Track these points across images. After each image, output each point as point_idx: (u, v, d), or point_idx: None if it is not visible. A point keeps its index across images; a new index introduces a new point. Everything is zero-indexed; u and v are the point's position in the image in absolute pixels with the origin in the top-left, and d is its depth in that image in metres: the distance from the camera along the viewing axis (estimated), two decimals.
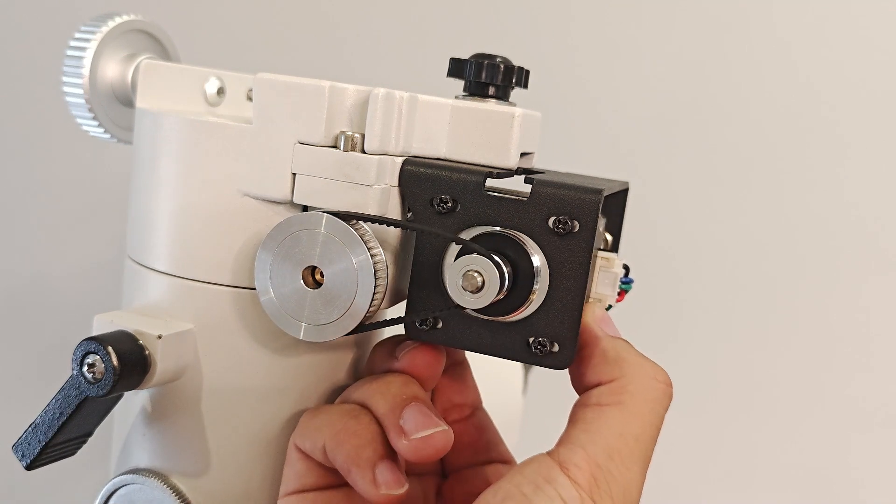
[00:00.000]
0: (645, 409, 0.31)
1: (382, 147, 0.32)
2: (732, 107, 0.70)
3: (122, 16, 0.40)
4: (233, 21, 0.75)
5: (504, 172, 0.34)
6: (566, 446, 0.30)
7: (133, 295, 0.36)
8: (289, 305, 0.32)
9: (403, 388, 0.33)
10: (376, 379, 0.34)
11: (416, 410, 0.32)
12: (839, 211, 0.69)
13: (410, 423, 0.32)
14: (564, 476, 0.29)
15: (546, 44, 0.72)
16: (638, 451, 0.31)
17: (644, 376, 0.32)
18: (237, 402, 0.35)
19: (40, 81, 0.76)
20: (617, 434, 0.31)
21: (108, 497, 0.36)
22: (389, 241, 0.33)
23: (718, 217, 0.69)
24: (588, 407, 0.32)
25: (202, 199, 0.34)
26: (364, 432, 0.32)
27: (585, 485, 0.29)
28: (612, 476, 0.30)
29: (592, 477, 0.30)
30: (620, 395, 0.31)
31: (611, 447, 0.30)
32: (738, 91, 0.70)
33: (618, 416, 0.31)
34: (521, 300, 0.32)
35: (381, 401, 0.33)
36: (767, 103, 0.69)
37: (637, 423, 0.31)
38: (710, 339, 0.74)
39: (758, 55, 0.69)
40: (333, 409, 0.33)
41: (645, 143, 0.71)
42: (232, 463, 0.35)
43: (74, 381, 0.32)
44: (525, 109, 0.35)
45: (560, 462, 0.30)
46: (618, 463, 0.30)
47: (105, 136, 0.41)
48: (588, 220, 0.31)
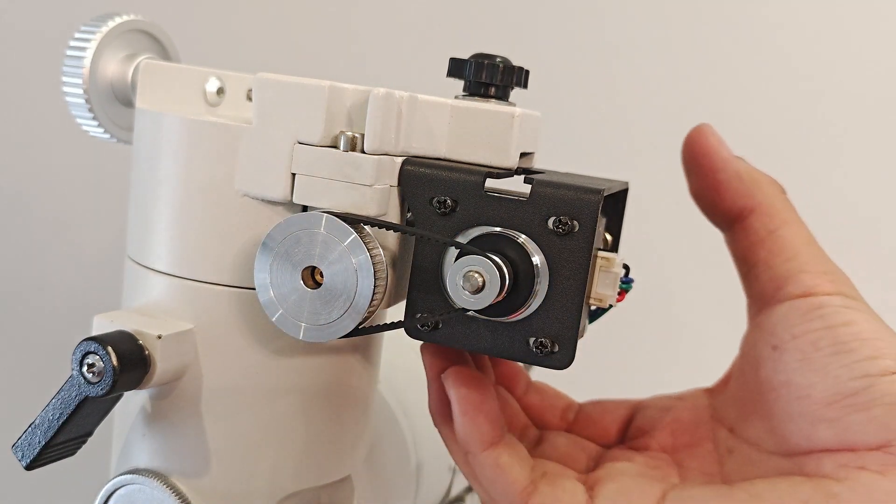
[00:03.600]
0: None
1: (382, 147, 0.32)
2: (733, 107, 0.70)
3: (122, 16, 0.40)
4: (233, 21, 0.75)
5: (504, 172, 0.34)
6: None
7: (133, 295, 0.36)
8: (288, 305, 0.32)
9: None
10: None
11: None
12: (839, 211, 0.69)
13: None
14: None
15: (546, 44, 0.72)
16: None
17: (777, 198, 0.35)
18: (237, 402, 0.35)
19: (40, 81, 0.76)
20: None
21: (108, 497, 0.36)
22: (389, 241, 0.33)
23: None
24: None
25: (202, 199, 0.34)
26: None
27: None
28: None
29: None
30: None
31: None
32: (738, 91, 0.70)
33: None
34: (522, 301, 0.32)
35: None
36: (767, 104, 0.69)
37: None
38: (711, 339, 0.74)
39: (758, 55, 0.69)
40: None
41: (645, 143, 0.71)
42: (232, 463, 0.35)
43: (74, 381, 0.32)
44: (525, 109, 0.35)
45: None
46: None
47: (105, 136, 0.41)
48: (588, 220, 0.31)
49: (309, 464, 0.37)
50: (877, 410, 0.31)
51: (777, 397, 0.33)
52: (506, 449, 0.34)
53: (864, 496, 0.30)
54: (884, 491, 0.30)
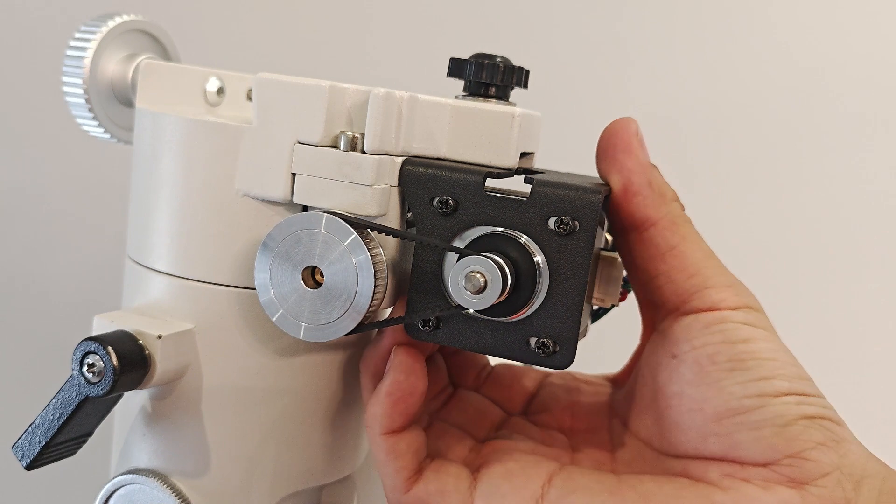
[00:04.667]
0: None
1: (382, 147, 0.32)
2: (733, 107, 0.70)
3: (122, 16, 0.40)
4: (233, 21, 0.75)
5: (504, 172, 0.34)
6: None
7: (133, 295, 0.36)
8: (289, 305, 0.32)
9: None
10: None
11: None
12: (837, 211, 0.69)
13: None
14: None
15: (546, 44, 0.72)
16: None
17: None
18: (237, 402, 0.35)
19: (40, 81, 0.76)
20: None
21: (108, 497, 0.36)
22: (389, 241, 0.33)
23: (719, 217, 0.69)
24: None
25: (202, 199, 0.34)
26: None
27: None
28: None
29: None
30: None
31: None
32: (738, 91, 0.70)
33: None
34: (524, 301, 0.32)
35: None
36: (767, 104, 0.69)
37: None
38: None
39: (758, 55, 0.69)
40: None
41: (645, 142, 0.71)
42: (232, 463, 0.35)
43: (74, 382, 0.32)
44: (525, 109, 0.35)
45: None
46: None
47: (105, 136, 0.41)
48: (588, 220, 0.31)
49: (309, 464, 0.37)
50: (766, 431, 0.31)
51: (668, 406, 0.34)
52: (405, 436, 0.34)
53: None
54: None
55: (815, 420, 0.32)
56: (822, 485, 0.31)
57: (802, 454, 0.31)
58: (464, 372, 0.41)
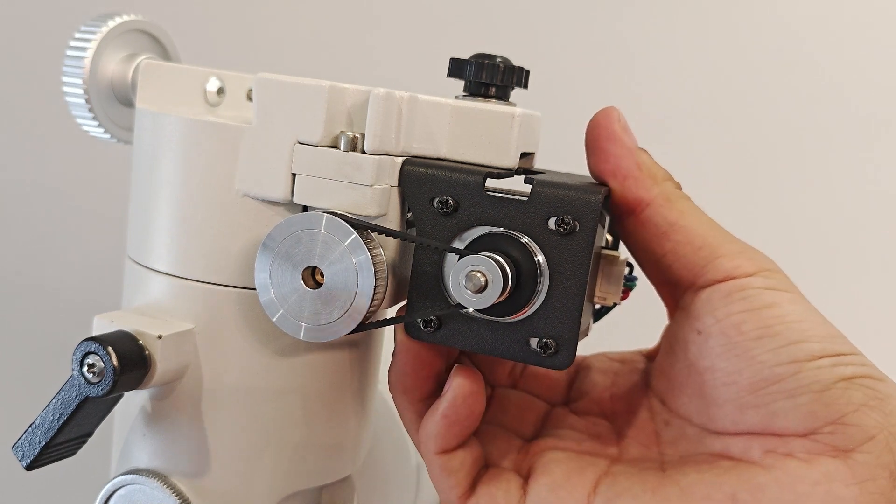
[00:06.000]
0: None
1: (382, 147, 0.32)
2: (733, 107, 0.70)
3: (122, 16, 0.40)
4: (233, 21, 0.75)
5: (504, 172, 0.34)
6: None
7: (133, 295, 0.36)
8: (289, 305, 0.32)
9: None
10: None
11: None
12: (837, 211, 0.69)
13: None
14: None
15: (547, 44, 0.72)
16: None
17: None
18: (237, 402, 0.35)
19: (40, 81, 0.76)
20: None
21: (108, 497, 0.36)
22: (389, 240, 0.33)
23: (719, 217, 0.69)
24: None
25: (202, 200, 0.34)
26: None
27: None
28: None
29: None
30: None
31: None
32: (739, 92, 0.70)
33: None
34: (525, 300, 0.32)
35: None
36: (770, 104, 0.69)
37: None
38: None
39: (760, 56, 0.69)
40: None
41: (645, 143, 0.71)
42: (232, 463, 0.35)
43: (74, 382, 0.32)
44: (525, 109, 0.35)
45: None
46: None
47: (105, 136, 0.41)
48: (588, 220, 0.31)
49: (309, 464, 0.37)
50: (803, 398, 0.30)
51: (703, 381, 0.33)
52: (459, 454, 0.34)
53: (789, 487, 0.30)
54: (809, 481, 0.30)
55: (854, 380, 0.30)
56: (868, 450, 0.29)
57: (843, 419, 0.29)
58: (495, 371, 0.40)
